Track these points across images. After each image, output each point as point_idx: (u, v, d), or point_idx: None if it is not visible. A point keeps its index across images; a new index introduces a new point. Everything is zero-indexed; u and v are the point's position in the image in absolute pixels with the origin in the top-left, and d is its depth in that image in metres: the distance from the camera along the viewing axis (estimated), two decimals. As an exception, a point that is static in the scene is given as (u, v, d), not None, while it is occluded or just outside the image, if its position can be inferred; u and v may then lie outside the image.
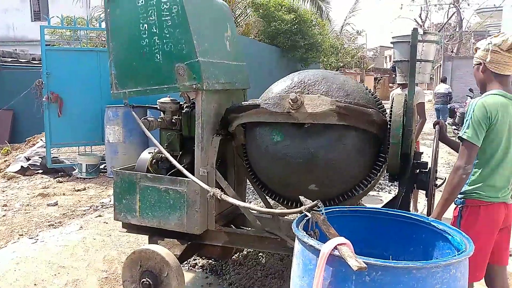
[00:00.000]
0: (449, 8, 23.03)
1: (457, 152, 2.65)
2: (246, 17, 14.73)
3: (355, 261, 1.48)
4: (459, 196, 2.44)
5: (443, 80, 14.30)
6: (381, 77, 32.59)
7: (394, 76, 3.47)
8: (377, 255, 2.00)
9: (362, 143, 2.82)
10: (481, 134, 2.29)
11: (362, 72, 31.31)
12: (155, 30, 2.93)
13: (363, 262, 1.49)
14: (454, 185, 2.32)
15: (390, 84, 27.84)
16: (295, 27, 15.10)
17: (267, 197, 3.40)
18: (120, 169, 3.36)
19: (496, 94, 2.34)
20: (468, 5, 22.95)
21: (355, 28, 30.72)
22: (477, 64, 2.46)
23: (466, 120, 2.32)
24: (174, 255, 3.18)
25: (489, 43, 2.37)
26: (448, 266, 1.60)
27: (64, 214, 5.38)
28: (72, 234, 4.63)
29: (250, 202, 5.82)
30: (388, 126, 2.74)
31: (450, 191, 2.34)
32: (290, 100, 2.70)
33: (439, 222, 2.05)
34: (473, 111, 2.30)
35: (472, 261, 1.96)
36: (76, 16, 10.61)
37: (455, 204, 2.49)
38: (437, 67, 25.14)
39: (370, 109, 2.74)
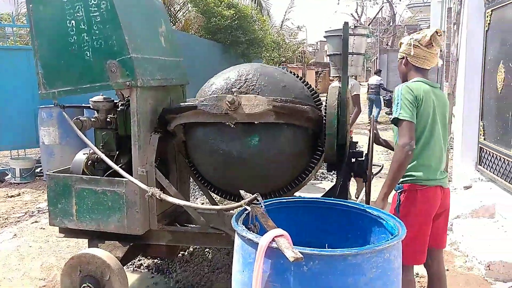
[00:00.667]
0: (383, 3, 23.97)
1: (392, 150, 2.73)
2: (185, 13, 14.51)
3: (291, 252, 1.50)
4: None
5: (377, 73, 15.00)
6: (322, 70, 33.31)
7: (334, 69, 3.58)
8: (317, 245, 2.04)
9: (300, 137, 2.87)
10: (414, 112, 2.37)
11: (304, 67, 31.88)
12: (84, 27, 2.80)
13: (300, 252, 1.51)
14: (400, 162, 2.35)
15: (331, 77, 28.51)
16: (236, 23, 15.09)
17: (211, 193, 3.39)
18: (53, 172, 3.21)
19: (418, 81, 2.48)
20: (400, 0, 23.97)
21: (295, 24, 31.21)
22: (401, 58, 2.58)
23: (397, 104, 2.40)
24: (116, 257, 3.08)
25: (411, 39, 2.51)
26: (382, 250, 1.66)
27: (-5, 223, 5.06)
28: (4, 243, 4.36)
29: (197, 198, 5.76)
30: (324, 118, 2.80)
31: (397, 168, 2.37)
32: (227, 102, 2.70)
33: (373, 209, 2.12)
34: (401, 94, 2.39)
35: (412, 245, 2.04)
36: (3, 12, 9.95)
37: (394, 190, 2.55)
38: (374, 59, 26.07)
39: (306, 106, 2.79)
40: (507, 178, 4.74)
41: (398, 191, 2.53)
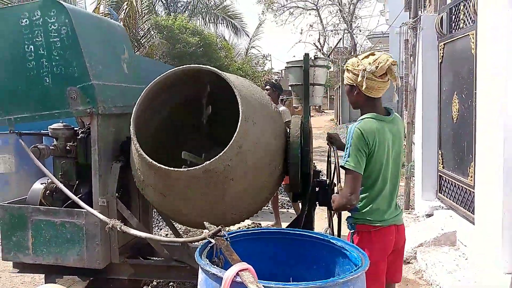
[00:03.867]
0: (344, 34, 24.75)
1: None
2: (149, 39, 14.51)
3: (255, 287, 1.47)
4: (350, 221, 2.42)
5: None
6: (287, 98, 33.77)
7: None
8: (282, 277, 2.02)
9: None
10: (363, 161, 2.27)
11: (270, 94, 32.11)
12: (43, 52, 2.74)
13: (264, 286, 1.48)
14: (338, 207, 2.38)
15: (295, 105, 28.95)
16: (201, 49, 15.19)
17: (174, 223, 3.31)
18: (8, 202, 3.06)
19: (371, 118, 2.34)
20: (360, 31, 24.92)
21: (261, 51, 31.69)
22: (350, 85, 2.41)
23: (347, 148, 2.29)
24: (74, 293, 2.96)
25: (364, 70, 2.30)
26: (346, 283, 1.65)
27: None
28: (-49, 280, 4.08)
29: (161, 229, 5.61)
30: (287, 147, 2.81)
31: (334, 208, 2.45)
32: None
33: (337, 239, 2.11)
34: (351, 139, 2.27)
35: (368, 285, 1.94)
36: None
37: (348, 229, 2.46)
38: (336, 88, 26.76)
39: None
40: (465, 206, 4.88)
41: (352, 231, 2.42)
